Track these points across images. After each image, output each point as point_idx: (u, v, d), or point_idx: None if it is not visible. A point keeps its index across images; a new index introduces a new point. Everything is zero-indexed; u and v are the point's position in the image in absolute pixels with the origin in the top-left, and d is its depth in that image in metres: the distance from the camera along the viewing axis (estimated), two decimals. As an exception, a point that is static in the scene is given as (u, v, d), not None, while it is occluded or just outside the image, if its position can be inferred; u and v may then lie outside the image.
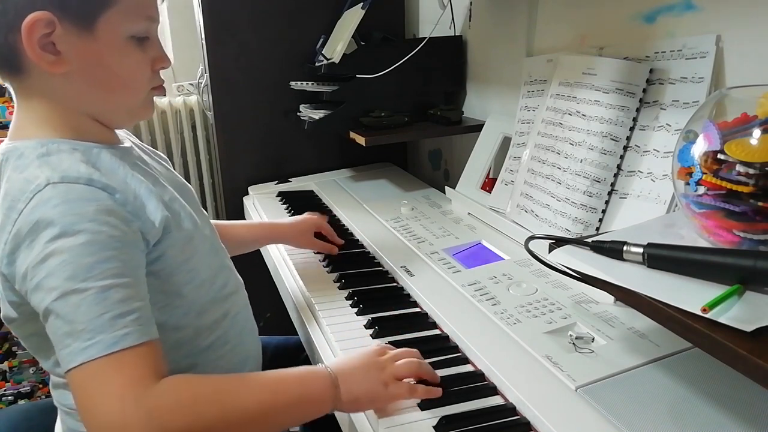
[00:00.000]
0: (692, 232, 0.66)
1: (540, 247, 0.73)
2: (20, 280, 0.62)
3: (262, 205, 1.51)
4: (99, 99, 0.72)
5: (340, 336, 0.84)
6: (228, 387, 0.63)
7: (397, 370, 0.69)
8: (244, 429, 0.62)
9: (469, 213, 1.23)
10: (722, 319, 0.50)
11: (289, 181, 1.67)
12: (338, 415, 0.77)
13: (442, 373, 0.74)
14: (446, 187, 1.33)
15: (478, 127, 1.32)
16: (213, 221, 0.89)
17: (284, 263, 1.15)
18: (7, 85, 0.71)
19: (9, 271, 0.63)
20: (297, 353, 1.00)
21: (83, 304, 0.58)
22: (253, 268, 1.13)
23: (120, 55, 0.69)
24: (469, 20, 1.44)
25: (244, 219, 1.60)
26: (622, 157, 0.92)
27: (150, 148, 0.85)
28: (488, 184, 1.23)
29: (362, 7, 1.37)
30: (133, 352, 0.59)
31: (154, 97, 0.78)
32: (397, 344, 0.80)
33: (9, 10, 0.63)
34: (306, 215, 1.16)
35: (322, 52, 1.48)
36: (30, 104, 0.70)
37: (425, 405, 0.68)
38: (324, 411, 0.66)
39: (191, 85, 2.42)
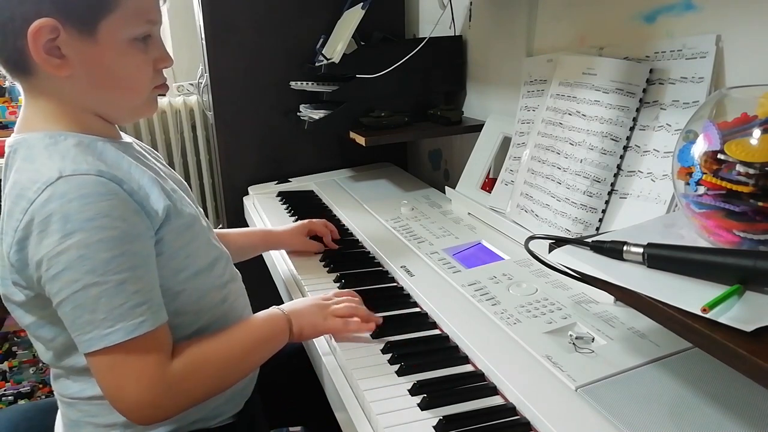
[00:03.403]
0: (692, 232, 0.66)
1: (540, 247, 0.73)
2: (33, 267, 0.66)
3: (262, 205, 1.51)
4: (102, 98, 0.74)
5: (339, 336, 0.84)
6: (224, 342, 0.76)
7: (335, 309, 0.85)
8: (240, 369, 0.78)
9: (469, 213, 1.23)
10: (722, 319, 0.50)
11: (289, 181, 1.67)
12: (338, 414, 0.77)
13: (442, 373, 0.74)
14: (446, 187, 1.33)
15: (478, 127, 1.32)
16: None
17: (284, 263, 1.15)
18: (16, 83, 0.74)
19: (18, 257, 0.66)
20: (299, 358, 0.99)
21: (103, 296, 0.64)
22: (253, 268, 1.13)
23: (121, 57, 0.72)
24: (469, 20, 1.44)
25: (244, 219, 1.60)
26: (622, 157, 0.92)
27: (147, 146, 0.87)
28: (488, 184, 1.23)
29: (362, 7, 1.37)
30: (150, 336, 0.67)
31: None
32: (397, 345, 0.81)
33: (16, 17, 0.66)
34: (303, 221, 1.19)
35: (322, 52, 1.48)
36: (37, 101, 0.73)
37: (425, 405, 0.68)
38: (285, 342, 0.82)
39: (191, 85, 2.42)
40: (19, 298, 0.71)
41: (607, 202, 0.93)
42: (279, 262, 1.16)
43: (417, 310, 0.91)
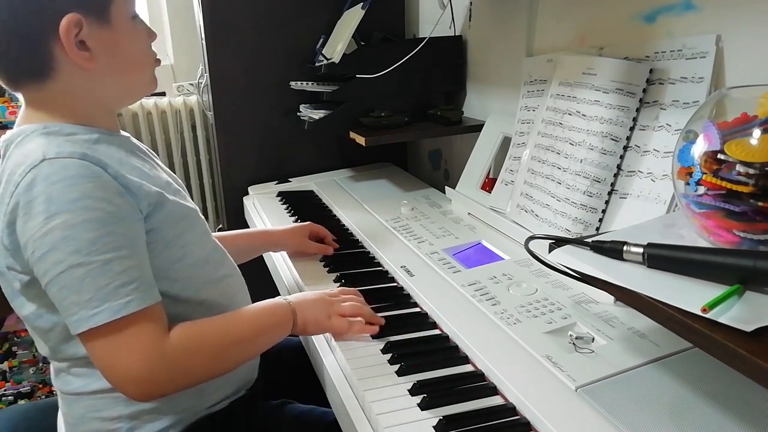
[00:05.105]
0: (692, 232, 0.66)
1: (540, 247, 0.73)
2: (22, 249, 0.67)
3: (262, 205, 1.51)
4: (120, 84, 0.78)
5: (339, 336, 0.84)
6: (223, 325, 0.77)
7: (341, 308, 0.84)
8: (238, 355, 0.78)
9: (469, 213, 1.23)
10: (722, 319, 0.50)
11: (289, 181, 1.67)
12: (339, 415, 0.77)
13: (442, 373, 0.74)
14: (446, 187, 1.33)
15: (478, 127, 1.32)
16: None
17: (284, 263, 1.15)
18: (18, 94, 0.74)
19: (10, 240, 0.68)
20: (297, 356, 1.00)
21: (89, 276, 0.64)
22: (253, 268, 1.13)
23: (131, 36, 0.76)
24: (469, 20, 1.44)
25: (244, 219, 1.60)
26: (622, 157, 0.92)
27: (144, 146, 0.87)
28: (488, 184, 1.23)
29: (362, 7, 1.37)
30: (141, 315, 0.67)
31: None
32: (397, 345, 0.81)
33: (43, 22, 0.68)
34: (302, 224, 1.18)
35: (322, 52, 1.48)
36: (46, 107, 0.73)
37: (425, 405, 0.68)
38: (287, 333, 0.81)
39: (191, 85, 2.41)
40: (16, 284, 0.72)
41: (607, 202, 0.93)
42: (279, 263, 1.16)
43: (417, 310, 0.91)
